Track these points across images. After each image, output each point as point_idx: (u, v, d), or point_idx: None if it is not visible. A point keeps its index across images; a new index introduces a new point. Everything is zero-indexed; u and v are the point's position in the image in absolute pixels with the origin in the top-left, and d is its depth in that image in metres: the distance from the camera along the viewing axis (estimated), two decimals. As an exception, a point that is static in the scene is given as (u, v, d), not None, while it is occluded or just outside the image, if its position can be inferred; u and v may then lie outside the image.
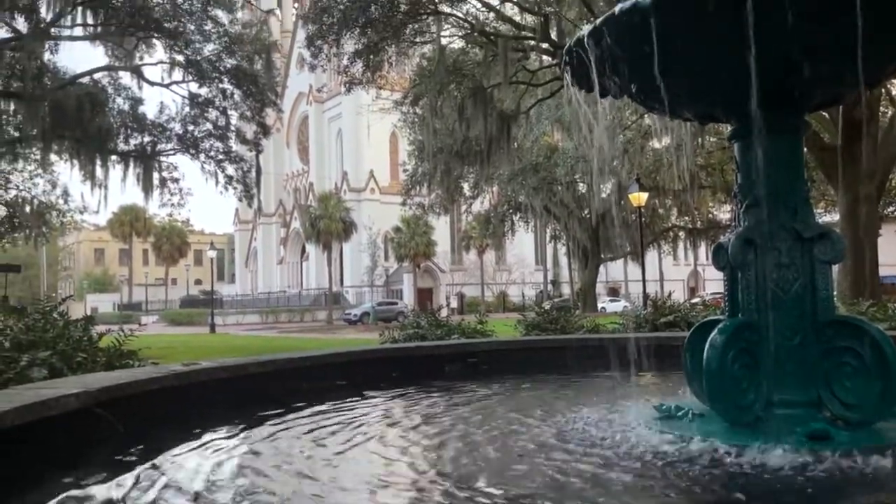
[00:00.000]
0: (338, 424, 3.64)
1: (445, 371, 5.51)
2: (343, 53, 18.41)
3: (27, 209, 26.02)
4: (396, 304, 46.89)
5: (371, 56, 17.93)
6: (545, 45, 17.68)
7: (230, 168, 22.19)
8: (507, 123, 18.16)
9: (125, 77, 21.43)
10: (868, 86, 3.29)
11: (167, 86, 20.93)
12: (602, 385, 4.75)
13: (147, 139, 21.61)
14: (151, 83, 20.87)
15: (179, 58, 20.29)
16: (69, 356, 5.29)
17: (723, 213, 40.30)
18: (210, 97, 21.22)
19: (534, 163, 34.68)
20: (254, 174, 22.56)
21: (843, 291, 13.96)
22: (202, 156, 21.74)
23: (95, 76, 20.69)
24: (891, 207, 29.67)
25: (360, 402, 4.34)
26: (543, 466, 2.71)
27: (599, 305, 46.60)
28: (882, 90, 17.45)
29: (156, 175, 21.86)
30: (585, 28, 3.12)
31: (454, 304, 53.58)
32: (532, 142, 32.89)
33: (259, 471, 2.79)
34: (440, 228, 54.04)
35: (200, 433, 3.37)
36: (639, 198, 21.91)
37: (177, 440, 3.19)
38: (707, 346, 2.93)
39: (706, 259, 47.47)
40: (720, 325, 3.03)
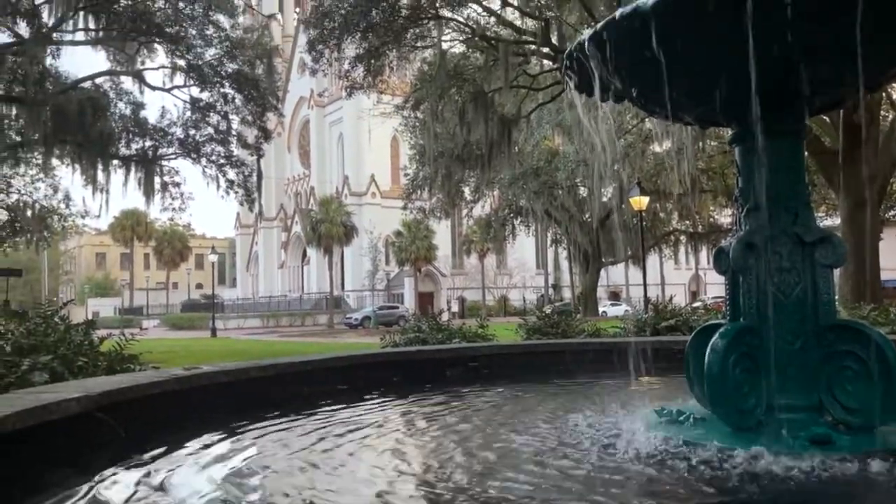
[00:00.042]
0: (339, 429, 3.63)
1: (447, 375, 5.51)
2: (344, 58, 18.45)
3: (29, 213, 26.04)
4: (397, 309, 46.84)
5: (372, 60, 17.97)
6: (546, 50, 17.72)
7: (231, 172, 22.22)
8: (508, 127, 18.19)
9: (127, 82, 21.51)
10: (869, 89, 3.29)
11: (169, 90, 20.99)
12: (603, 389, 4.75)
13: (148, 143, 21.66)
14: (153, 88, 20.94)
15: (181, 62, 20.35)
16: (70, 360, 5.29)
17: (724, 217, 40.33)
18: (211, 102, 21.26)
19: (535, 167, 34.72)
20: (255, 178, 22.58)
21: (845, 295, 13.96)
22: (203, 160, 21.78)
23: (97, 81, 20.76)
24: (892, 211, 29.65)
25: (362, 407, 4.33)
26: (543, 470, 2.70)
27: (600, 309, 46.57)
28: (882, 94, 17.47)
29: (157, 179, 21.90)
30: (586, 32, 3.13)
31: (455, 309, 53.60)
32: (533, 146, 32.95)
33: (259, 474, 2.79)
34: (441, 232, 54.07)
35: (202, 437, 3.36)
36: (640, 202, 21.93)
37: (178, 444, 3.19)
38: (708, 351, 2.92)
39: (707, 263, 47.41)
40: (721, 330, 3.03)
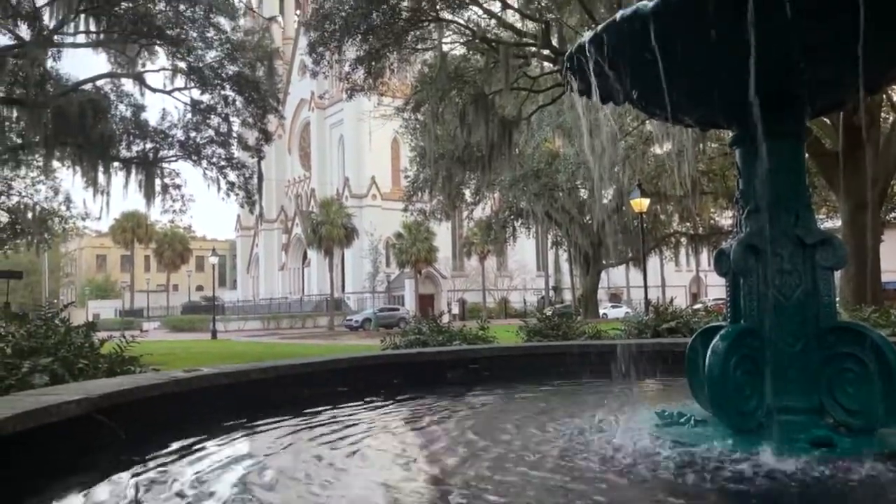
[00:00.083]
0: (339, 431, 3.63)
1: (447, 377, 5.50)
2: (345, 60, 18.46)
3: (29, 216, 26.03)
4: (398, 311, 46.85)
5: (373, 63, 17.98)
6: (546, 52, 17.72)
7: (232, 174, 22.21)
8: (509, 129, 18.18)
9: (127, 84, 21.50)
10: (869, 91, 3.29)
11: (169, 93, 20.99)
12: (604, 391, 4.74)
13: (149, 146, 21.65)
14: (154, 90, 20.94)
15: (182, 65, 20.36)
16: (71, 363, 5.29)
17: (724, 219, 40.31)
18: (212, 104, 21.26)
19: (535, 169, 34.73)
20: (255, 180, 22.57)
21: (846, 298, 13.94)
22: (204, 162, 21.77)
23: (98, 83, 20.74)
24: (893, 213, 29.61)
25: (362, 409, 4.33)
26: (543, 472, 2.70)
27: (601, 311, 46.58)
28: (883, 96, 17.47)
29: (158, 181, 21.87)
30: (586, 35, 3.12)
31: (455, 311, 53.61)
32: (533, 148, 32.95)
33: (260, 477, 2.79)
34: (441, 234, 54.09)
35: (202, 440, 3.36)
36: (640, 204, 21.95)
37: (178, 447, 3.19)
38: (709, 353, 2.92)
39: (708, 265, 47.38)
40: (722, 332, 3.03)
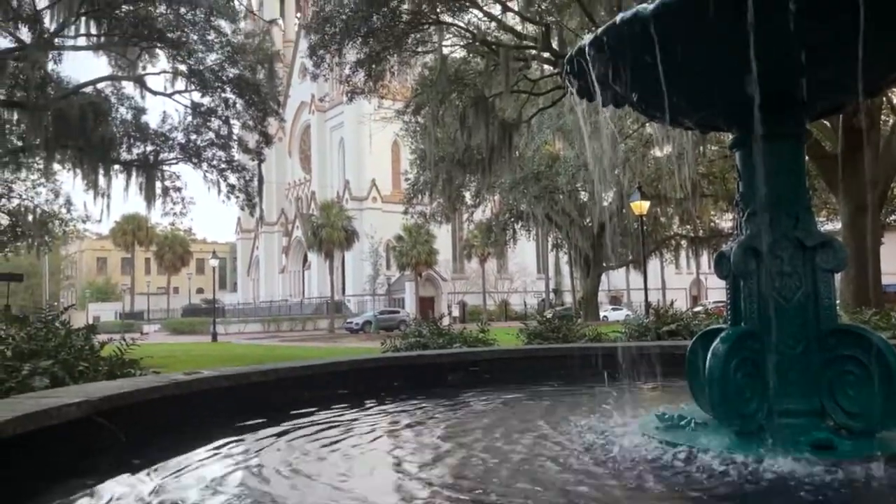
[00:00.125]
0: (340, 434, 3.63)
1: (448, 380, 5.50)
2: (345, 63, 18.47)
3: (30, 218, 26.04)
4: (398, 313, 46.83)
5: (373, 65, 17.99)
6: (546, 55, 17.73)
7: (232, 177, 22.22)
8: (509, 132, 18.18)
9: (128, 87, 21.53)
10: (869, 94, 3.29)
11: (170, 95, 21.02)
12: (604, 394, 4.74)
13: (150, 148, 21.66)
14: (154, 93, 20.96)
15: (182, 67, 20.38)
16: (71, 365, 5.29)
17: (725, 222, 40.35)
18: (212, 107, 21.27)
19: (535, 171, 34.74)
20: (256, 183, 22.59)
21: (846, 300, 13.94)
22: (204, 165, 21.79)
23: (98, 86, 20.76)
24: (893, 216, 29.62)
25: (362, 412, 4.33)
26: (543, 475, 2.70)
27: (601, 314, 46.57)
28: (882, 99, 17.47)
29: (158, 184, 21.88)
30: (587, 37, 3.12)
31: (456, 313, 53.59)
32: (533, 150, 32.97)
33: (261, 480, 2.79)
34: (442, 237, 54.09)
35: (202, 443, 3.36)
36: (641, 206, 21.94)
37: (178, 449, 3.18)
38: (710, 355, 2.92)
39: (708, 267, 47.35)
40: (723, 334, 3.03)
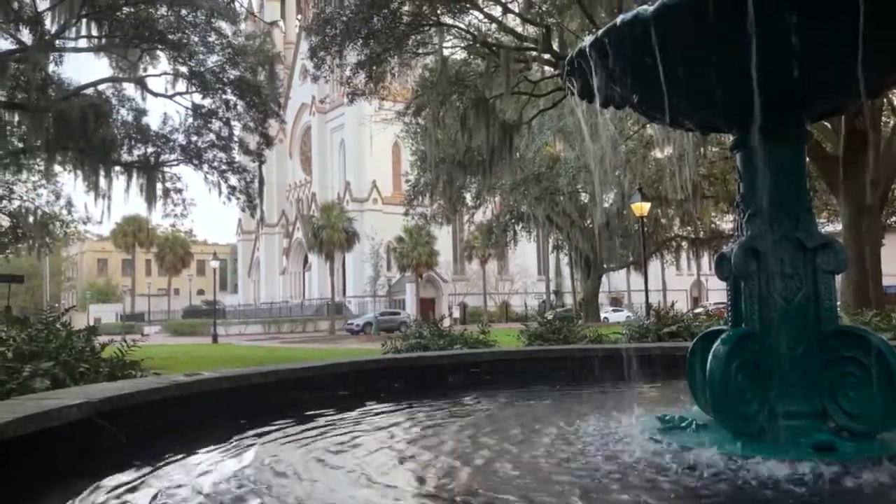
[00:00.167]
0: (340, 436, 3.63)
1: (448, 381, 5.50)
2: (346, 64, 18.49)
3: (31, 220, 26.07)
4: (399, 315, 46.82)
5: (374, 67, 18.01)
6: (547, 56, 17.74)
7: (233, 178, 22.25)
8: (509, 133, 18.19)
9: (129, 88, 21.58)
10: (870, 95, 3.29)
11: (171, 97, 21.05)
12: (605, 395, 4.73)
13: (150, 150, 21.70)
14: (155, 94, 21.01)
15: (183, 69, 20.41)
16: (72, 367, 5.29)
17: (725, 223, 40.33)
18: (213, 108, 21.31)
19: (536, 173, 34.75)
20: (256, 184, 22.61)
21: (847, 302, 13.93)
22: (205, 166, 21.82)
23: (99, 87, 20.80)
24: (894, 217, 29.60)
25: (362, 414, 4.32)
26: (545, 478, 2.69)
27: (602, 315, 46.55)
28: (883, 100, 17.47)
29: (159, 185, 21.92)
30: (587, 39, 3.12)
31: (456, 314, 53.56)
32: (534, 152, 32.97)
33: (263, 482, 2.78)
34: (442, 238, 54.11)
35: (202, 444, 3.35)
36: (641, 208, 21.94)
37: (179, 451, 3.18)
38: (710, 357, 2.91)
39: (709, 269, 47.34)
40: (723, 336, 3.02)
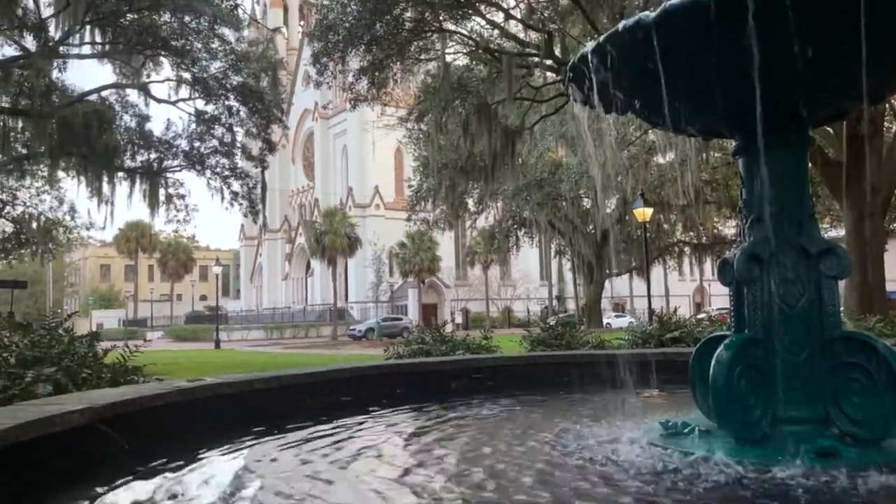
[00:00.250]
0: (342, 442, 3.62)
1: (451, 387, 5.49)
2: (348, 70, 18.54)
3: (34, 225, 26.13)
4: (401, 320, 46.79)
5: (376, 73, 18.06)
6: (549, 62, 17.77)
7: (236, 184, 22.30)
8: (512, 139, 18.21)
9: (132, 94, 21.68)
10: (872, 101, 3.28)
11: (174, 103, 21.12)
12: (608, 401, 4.72)
13: (153, 156, 21.77)
14: (158, 100, 21.09)
15: (186, 75, 20.49)
16: (74, 372, 5.30)
17: (728, 229, 40.27)
18: (216, 114, 21.38)
19: (538, 178, 34.75)
20: (259, 190, 22.67)
21: (850, 307, 13.90)
22: (208, 172, 21.88)
23: (103, 94, 20.90)
24: (897, 222, 29.50)
25: (365, 419, 4.31)
26: (546, 483, 2.69)
27: (605, 321, 46.46)
28: (886, 106, 17.46)
29: (162, 191, 21.98)
30: (589, 45, 3.13)
31: (459, 320, 53.61)
32: (536, 157, 33.01)
33: (265, 488, 2.78)
34: (445, 244, 54.11)
35: (205, 450, 3.35)
36: (644, 213, 21.94)
37: (181, 457, 3.18)
38: (713, 362, 2.90)
39: (712, 274, 47.30)
40: (726, 341, 3.01)
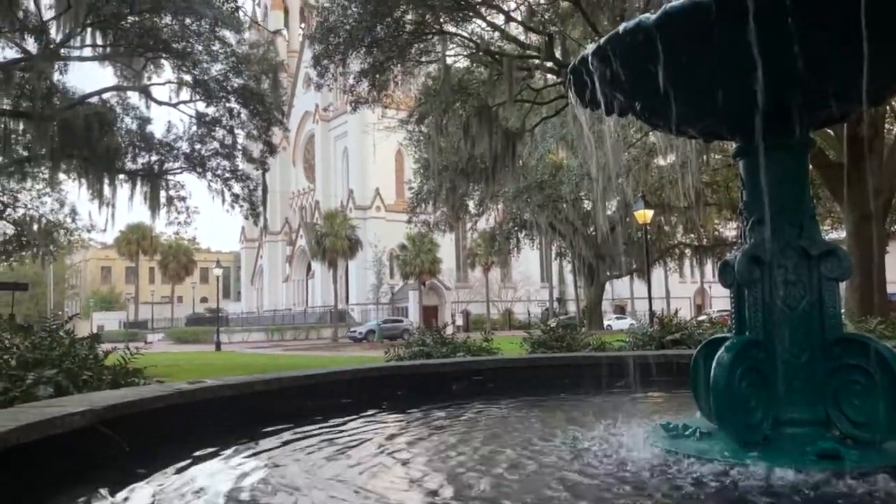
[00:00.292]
0: (344, 445, 3.62)
1: (452, 389, 5.48)
2: (349, 73, 18.56)
3: (35, 228, 26.12)
4: (402, 322, 46.79)
5: (377, 75, 18.07)
6: (550, 64, 17.79)
7: (236, 186, 22.31)
8: (512, 141, 18.21)
9: (133, 97, 21.69)
10: (872, 103, 3.28)
11: (175, 105, 21.14)
12: (608, 403, 4.72)
13: (154, 158, 21.78)
14: (159, 103, 21.09)
15: (187, 78, 20.50)
16: (75, 374, 5.30)
17: (729, 231, 40.26)
18: (217, 116, 21.39)
19: (539, 180, 34.76)
20: (260, 192, 22.68)
21: (851, 309, 13.88)
22: (209, 174, 21.88)
23: (104, 96, 20.90)
24: (897, 224, 29.47)
25: (365, 422, 4.31)
26: (548, 485, 2.68)
27: (605, 323, 46.47)
28: (886, 108, 17.45)
29: (163, 193, 21.98)
30: (590, 47, 3.13)
31: (459, 322, 53.62)
32: (537, 159, 33.00)
33: (266, 491, 2.78)
34: (445, 246, 54.11)
35: (205, 452, 3.35)
36: (644, 215, 21.96)
37: (181, 459, 3.18)
38: (714, 365, 2.90)
39: (713, 276, 47.28)
40: (727, 343, 3.01)
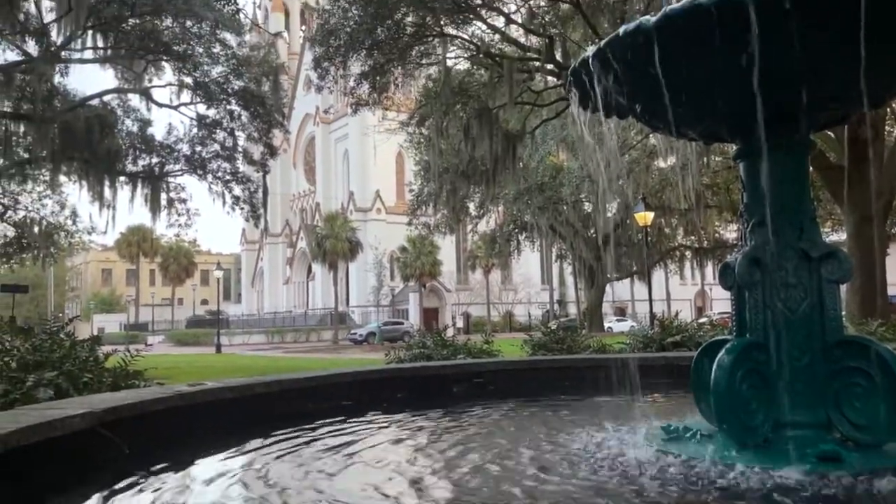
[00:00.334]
0: (343, 447, 3.62)
1: (452, 391, 5.48)
2: (349, 75, 18.58)
3: (35, 230, 26.13)
4: (402, 324, 46.78)
5: (377, 77, 18.09)
6: (550, 66, 17.80)
7: (237, 188, 22.32)
8: (513, 143, 18.22)
9: (134, 99, 21.70)
10: (873, 105, 3.28)
11: (175, 107, 21.15)
12: (609, 406, 4.71)
13: (155, 160, 21.79)
14: (160, 105, 21.12)
15: (188, 80, 20.52)
16: (75, 376, 5.29)
17: (729, 233, 40.25)
18: (218, 118, 21.40)
19: (539, 182, 34.77)
20: (260, 194, 22.68)
21: (852, 311, 13.88)
22: (209, 176, 21.89)
23: (105, 98, 20.91)
24: (898, 226, 29.45)
25: (366, 424, 4.31)
26: (547, 486, 2.68)
27: (606, 325, 46.43)
28: (887, 110, 17.47)
29: (163, 196, 21.98)
30: (590, 49, 3.13)
31: (460, 324, 53.61)
32: (537, 161, 33.03)
33: (266, 493, 2.77)
34: (446, 248, 54.12)
35: (206, 454, 3.35)
36: (645, 217, 21.97)
37: (182, 461, 3.18)
38: (715, 367, 2.90)
39: (713, 278, 47.25)
40: (728, 345, 3.01)
